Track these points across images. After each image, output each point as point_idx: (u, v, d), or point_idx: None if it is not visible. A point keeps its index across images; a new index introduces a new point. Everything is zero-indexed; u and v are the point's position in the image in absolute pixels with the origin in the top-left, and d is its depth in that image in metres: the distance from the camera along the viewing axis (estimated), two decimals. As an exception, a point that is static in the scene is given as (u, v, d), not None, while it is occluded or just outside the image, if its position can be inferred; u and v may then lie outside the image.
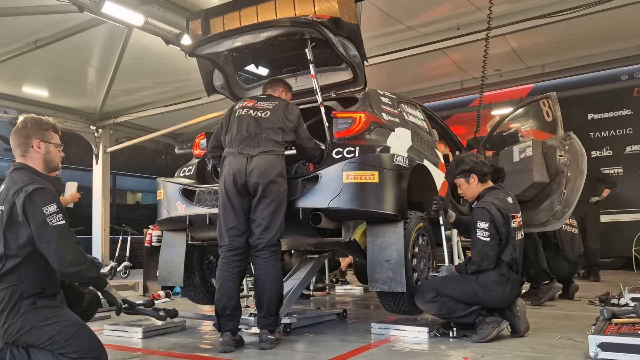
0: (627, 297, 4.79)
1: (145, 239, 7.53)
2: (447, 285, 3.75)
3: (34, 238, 2.52)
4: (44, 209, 2.52)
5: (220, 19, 4.48)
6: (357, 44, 4.13)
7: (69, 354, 2.51)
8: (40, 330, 2.51)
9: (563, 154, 5.43)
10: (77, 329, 2.58)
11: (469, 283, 3.71)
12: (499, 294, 3.69)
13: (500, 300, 3.72)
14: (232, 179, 3.61)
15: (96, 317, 4.75)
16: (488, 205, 3.78)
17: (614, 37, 8.65)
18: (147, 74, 9.34)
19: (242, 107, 3.87)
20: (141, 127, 12.03)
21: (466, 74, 10.17)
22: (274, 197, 3.58)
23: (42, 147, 2.76)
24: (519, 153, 5.57)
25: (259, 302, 3.62)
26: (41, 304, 2.55)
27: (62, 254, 2.52)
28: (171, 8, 6.79)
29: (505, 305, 3.76)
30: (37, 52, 7.91)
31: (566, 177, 5.39)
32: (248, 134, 3.70)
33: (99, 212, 11.39)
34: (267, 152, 3.65)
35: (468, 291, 3.68)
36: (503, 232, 3.74)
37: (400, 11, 7.50)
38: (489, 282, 3.68)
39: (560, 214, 5.31)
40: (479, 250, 3.75)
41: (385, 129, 4.25)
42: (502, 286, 3.70)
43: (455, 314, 3.71)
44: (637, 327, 3.22)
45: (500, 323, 3.64)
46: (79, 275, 2.62)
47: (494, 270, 3.71)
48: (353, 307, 5.81)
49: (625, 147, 9.95)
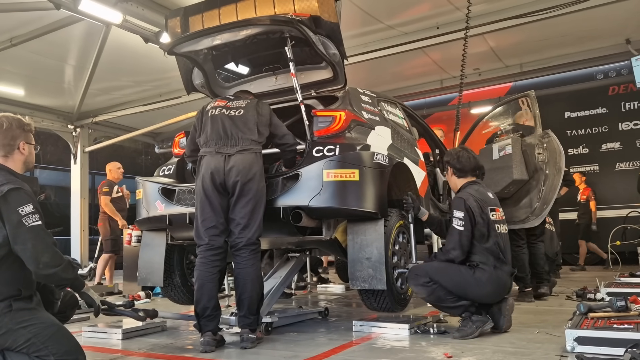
0: (603, 292, 4.88)
1: (125, 239, 7.46)
2: (442, 273, 3.69)
3: (9, 239, 2.46)
4: (20, 209, 2.46)
5: (200, 17, 4.45)
6: (337, 43, 4.14)
7: (46, 357, 2.46)
8: (16, 333, 2.45)
9: (542, 151, 5.50)
10: (55, 331, 2.53)
11: (464, 276, 3.66)
12: (491, 291, 3.69)
13: (492, 298, 3.73)
14: (211, 178, 3.59)
15: (74, 318, 4.70)
16: (465, 196, 3.81)
17: (589, 37, 8.81)
18: (126, 73, 9.23)
19: (215, 107, 3.86)
20: (120, 126, 11.88)
21: (445, 72, 10.26)
22: (252, 195, 3.58)
23: (26, 149, 2.72)
24: (499, 151, 5.62)
25: (239, 301, 3.61)
26: (17, 306, 2.49)
27: (38, 256, 2.47)
28: (150, 6, 6.72)
29: (496, 302, 3.78)
30: (13, 50, 7.77)
31: (544, 174, 5.45)
32: (224, 133, 3.70)
33: (78, 212, 11.22)
34: (245, 150, 3.65)
35: (461, 284, 3.64)
36: (481, 222, 3.72)
37: (380, 10, 7.53)
38: (484, 279, 3.66)
39: (538, 211, 5.38)
40: (452, 238, 3.76)
41: (365, 127, 4.27)
42: (497, 284, 3.69)
43: (443, 303, 3.71)
44: (612, 321, 3.29)
45: (485, 323, 3.65)
46: (56, 277, 2.57)
47: (489, 266, 3.69)
48: (334, 305, 5.82)
49: (601, 144, 10.16)
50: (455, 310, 3.71)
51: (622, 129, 10.13)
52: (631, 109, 10.07)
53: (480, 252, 3.73)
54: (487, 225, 3.75)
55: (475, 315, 3.67)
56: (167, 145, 12.46)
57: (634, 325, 3.11)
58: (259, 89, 4.81)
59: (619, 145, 10.12)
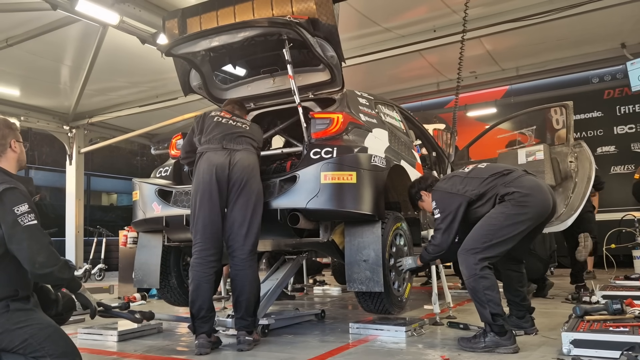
0: (599, 295, 4.90)
1: (121, 241, 7.43)
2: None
3: (5, 239, 2.45)
4: (15, 208, 2.45)
5: (197, 19, 4.45)
6: (335, 45, 4.14)
7: (43, 358, 2.45)
8: (13, 333, 2.44)
9: (573, 160, 5.70)
10: (51, 332, 2.52)
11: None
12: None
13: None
14: (213, 174, 3.59)
15: (70, 320, 4.68)
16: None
17: (584, 41, 8.87)
18: (123, 74, 9.21)
19: (221, 116, 3.94)
20: (116, 127, 11.84)
21: (442, 75, 10.29)
22: (253, 195, 3.60)
23: (18, 147, 2.72)
24: (527, 156, 5.78)
25: (236, 303, 3.60)
26: (14, 307, 2.48)
27: (33, 255, 2.45)
28: (147, 7, 6.71)
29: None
30: (9, 50, 7.73)
31: (574, 182, 5.65)
32: (231, 133, 3.78)
33: (73, 213, 11.18)
34: (248, 149, 3.76)
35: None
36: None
37: (377, 13, 7.55)
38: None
39: (564, 216, 5.54)
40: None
41: (362, 129, 4.27)
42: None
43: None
44: (608, 323, 3.30)
45: (497, 346, 3.27)
46: (52, 277, 2.55)
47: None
48: (331, 307, 5.82)
49: (596, 148, 10.18)
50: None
51: (617, 132, 10.17)
52: (626, 113, 10.12)
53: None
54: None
55: (491, 334, 3.31)
56: (163, 147, 12.41)
57: (630, 328, 3.12)
58: (256, 91, 4.82)
59: (614, 148, 10.16)
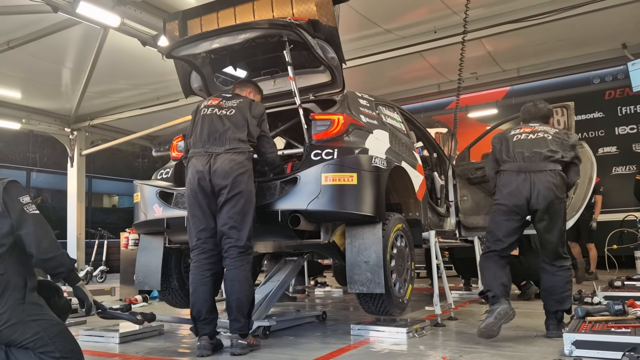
0: (600, 296, 4.89)
1: (122, 243, 7.44)
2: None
3: (14, 226, 2.58)
4: (20, 198, 2.64)
5: (198, 21, 4.46)
6: (335, 47, 4.15)
7: (52, 353, 2.52)
8: (26, 325, 2.51)
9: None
10: (62, 329, 2.63)
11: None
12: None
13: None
14: (197, 180, 3.56)
15: (71, 322, 4.70)
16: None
17: (585, 41, 8.86)
18: (124, 76, 9.23)
19: (207, 106, 3.81)
20: (118, 129, 11.87)
21: (443, 76, 10.29)
22: (240, 195, 3.51)
23: None
24: None
25: (227, 304, 3.55)
26: (29, 299, 2.57)
27: (39, 240, 2.61)
28: (148, 9, 6.73)
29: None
30: (10, 53, 7.76)
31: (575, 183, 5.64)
32: (213, 133, 3.65)
33: (74, 216, 11.20)
34: (233, 150, 3.58)
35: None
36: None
37: (378, 14, 7.55)
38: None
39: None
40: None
41: (363, 131, 4.27)
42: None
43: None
44: (610, 324, 3.30)
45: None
46: (55, 262, 2.66)
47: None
48: (332, 308, 5.81)
49: (597, 148, 10.18)
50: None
51: (618, 133, 10.18)
52: (628, 114, 10.13)
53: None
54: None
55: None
56: (164, 149, 12.44)
57: (632, 329, 3.12)
58: (257, 92, 4.81)
59: (616, 149, 10.17)
